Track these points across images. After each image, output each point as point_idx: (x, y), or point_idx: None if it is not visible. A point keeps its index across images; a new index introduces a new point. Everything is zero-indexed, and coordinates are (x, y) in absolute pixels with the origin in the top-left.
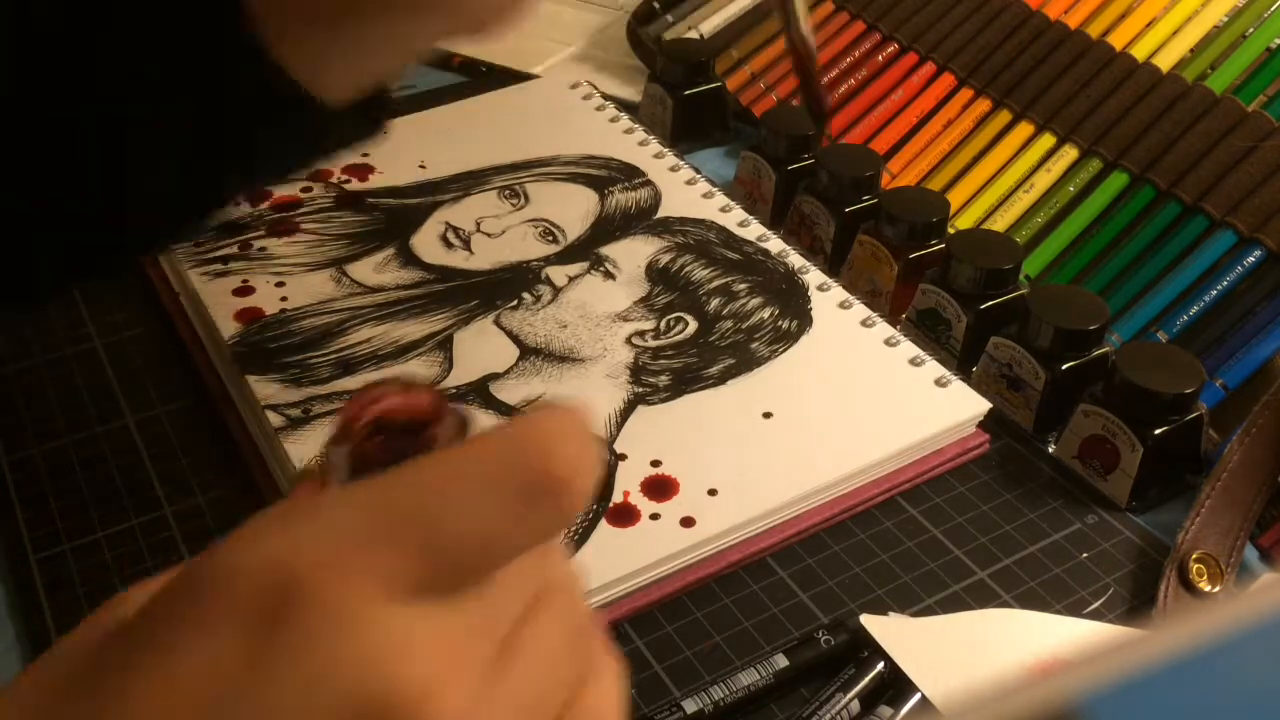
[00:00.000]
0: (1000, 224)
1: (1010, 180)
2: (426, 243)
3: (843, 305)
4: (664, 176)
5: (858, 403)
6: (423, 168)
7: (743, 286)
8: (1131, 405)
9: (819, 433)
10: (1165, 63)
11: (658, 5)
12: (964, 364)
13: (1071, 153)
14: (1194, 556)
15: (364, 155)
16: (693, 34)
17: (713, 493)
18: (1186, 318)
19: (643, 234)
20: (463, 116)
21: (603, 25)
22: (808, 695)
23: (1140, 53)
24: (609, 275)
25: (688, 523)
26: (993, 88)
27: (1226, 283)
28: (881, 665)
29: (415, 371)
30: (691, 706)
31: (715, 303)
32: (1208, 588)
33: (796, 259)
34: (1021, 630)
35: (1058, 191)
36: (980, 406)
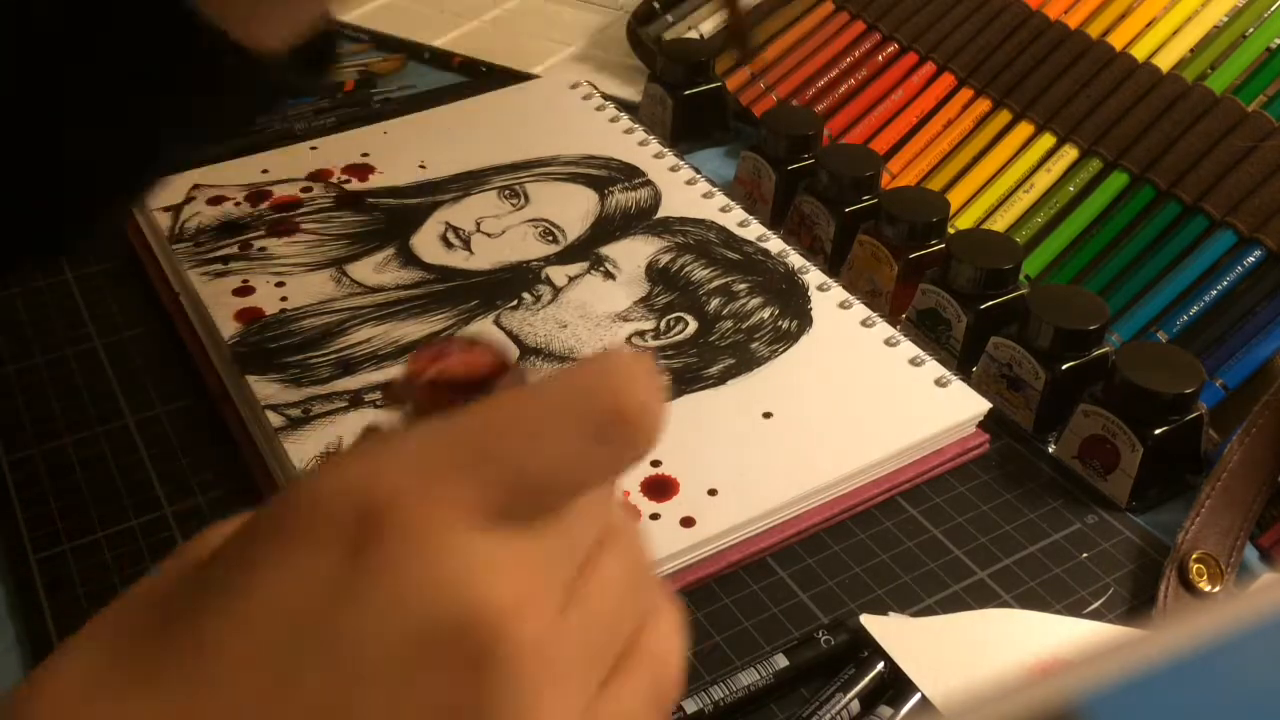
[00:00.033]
0: (1000, 224)
1: (1010, 180)
2: (426, 243)
3: (843, 305)
4: (664, 176)
5: (858, 403)
6: (423, 168)
7: (743, 286)
8: (1131, 405)
9: (819, 433)
10: (1165, 63)
11: (658, 5)
12: (964, 364)
13: (1071, 153)
14: (1194, 556)
15: (364, 155)
16: (693, 34)
17: (713, 493)
18: (1186, 318)
19: (643, 234)
20: (463, 116)
21: (603, 25)
22: (808, 695)
23: (1140, 53)
24: (609, 275)
25: (688, 523)
26: (993, 88)
27: (1226, 283)
28: (881, 665)
29: (478, 330)
30: (691, 706)
31: (715, 303)
32: (1208, 588)
33: (796, 259)
34: (1021, 630)
35: (1058, 191)
36: (980, 406)
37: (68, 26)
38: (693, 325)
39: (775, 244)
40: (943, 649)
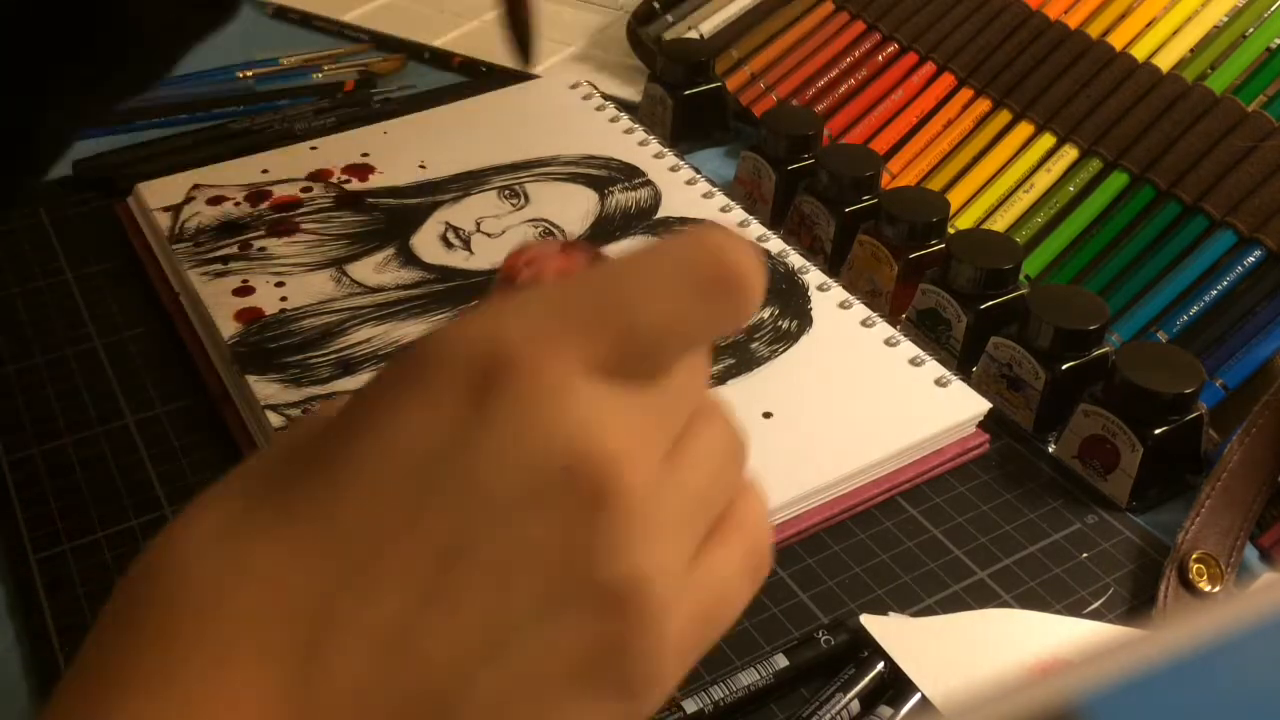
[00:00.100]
0: (1000, 224)
1: (1010, 180)
2: (426, 243)
3: (843, 305)
4: (664, 176)
5: (858, 403)
6: (423, 168)
7: None
8: (1131, 405)
9: (819, 433)
10: (1165, 63)
11: (658, 5)
12: (964, 364)
13: (1071, 153)
14: (1194, 556)
15: (364, 155)
16: (693, 34)
17: None
18: (1186, 318)
19: (643, 234)
20: (463, 116)
21: (603, 25)
22: (808, 695)
23: (1140, 53)
24: None
25: None
26: (993, 88)
27: (1226, 283)
28: (881, 665)
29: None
30: (691, 706)
31: None
32: (1208, 588)
33: (796, 259)
34: (1021, 630)
35: (1058, 191)
36: (980, 406)
37: None
38: None
39: (775, 244)
40: (943, 649)
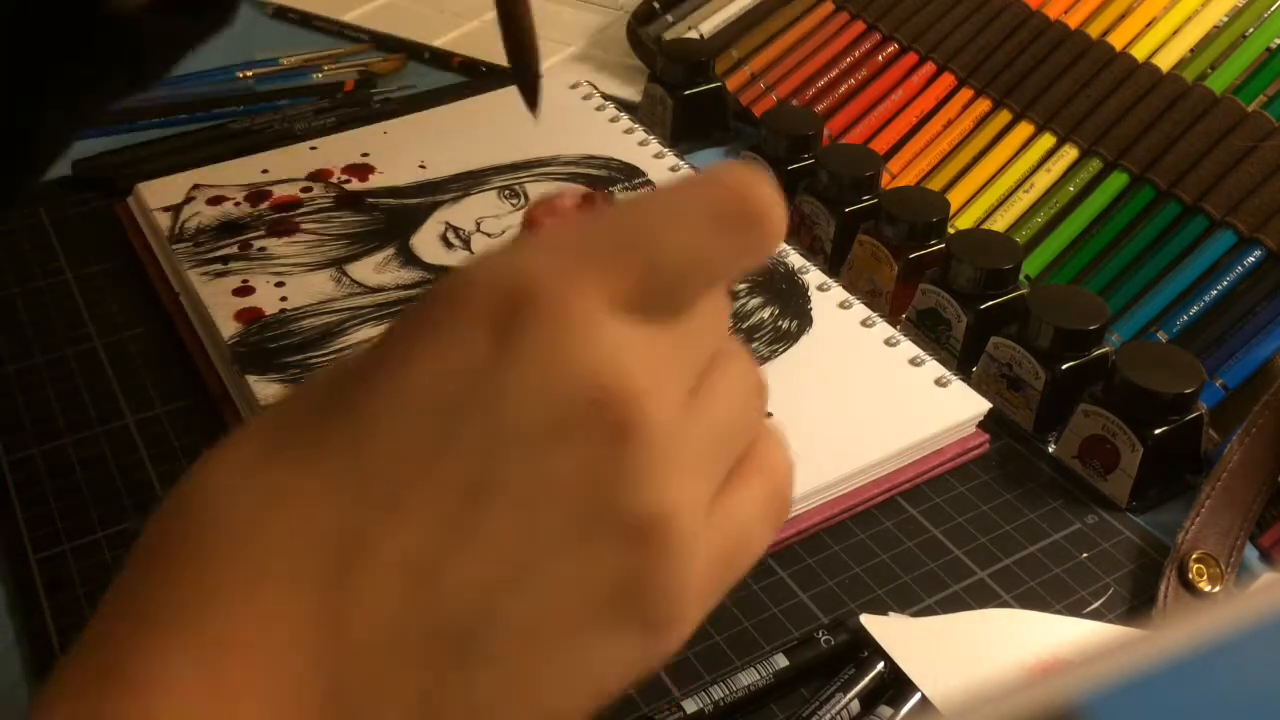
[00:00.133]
0: (1000, 224)
1: (1010, 180)
2: (426, 243)
3: (843, 305)
4: (664, 176)
5: (858, 403)
6: (423, 168)
7: (742, 286)
8: (1131, 405)
9: (819, 433)
10: (1165, 63)
11: (658, 5)
12: (964, 364)
13: (1071, 153)
14: (1194, 556)
15: (364, 155)
16: (693, 34)
17: None
18: (1186, 318)
19: None
20: (463, 116)
21: (603, 25)
22: (808, 695)
23: (1140, 53)
24: None
25: None
26: (993, 88)
27: (1226, 283)
28: (881, 665)
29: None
30: (691, 706)
31: None
32: (1208, 588)
33: (796, 259)
34: (1021, 630)
35: (1058, 191)
36: (980, 406)
37: None
38: None
39: None
40: (943, 649)
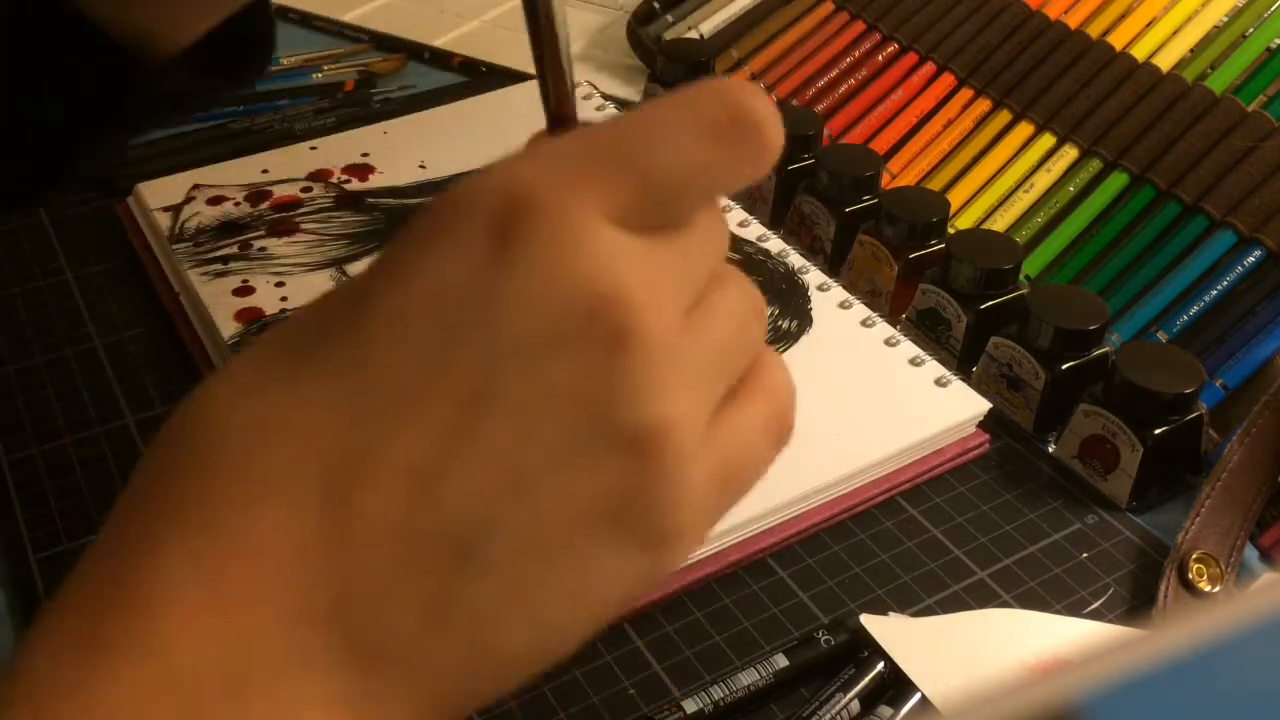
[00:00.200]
0: (1000, 224)
1: (1010, 180)
2: None
3: (843, 305)
4: None
5: (858, 403)
6: (423, 168)
7: None
8: (1131, 405)
9: (819, 433)
10: (1165, 63)
11: (658, 5)
12: (964, 364)
13: (1071, 153)
14: (1194, 556)
15: (364, 155)
16: (693, 34)
17: None
18: (1186, 318)
19: None
20: (463, 116)
21: (603, 25)
22: (808, 695)
23: (1140, 53)
24: None
25: None
26: (993, 88)
27: (1226, 283)
28: (881, 665)
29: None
30: (691, 706)
31: None
32: (1208, 588)
33: (796, 259)
34: (1021, 630)
35: (1058, 191)
36: (980, 406)
37: None
38: None
39: (775, 244)
40: (943, 649)
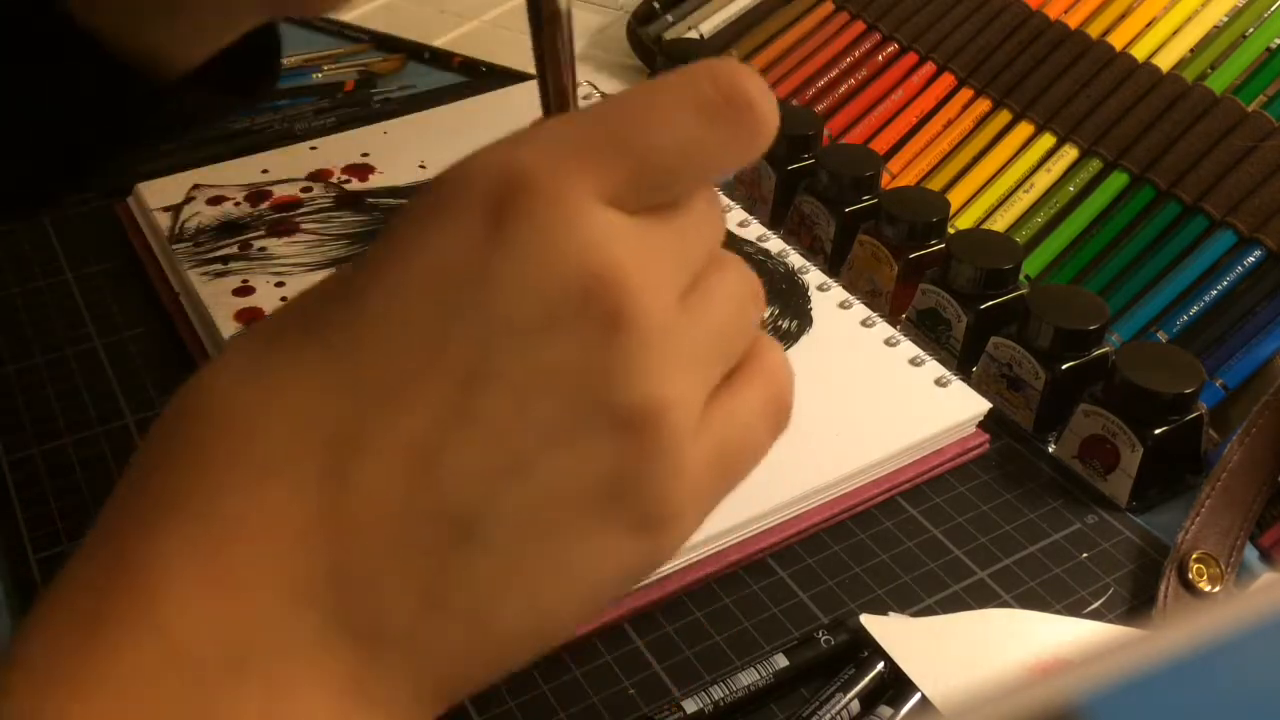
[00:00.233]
0: (1000, 224)
1: (1010, 180)
2: None
3: (843, 305)
4: None
5: (858, 403)
6: (423, 168)
7: None
8: (1131, 405)
9: (819, 433)
10: (1165, 63)
11: (658, 5)
12: (964, 364)
13: (1071, 153)
14: (1194, 556)
15: (364, 155)
16: (693, 34)
17: None
18: (1186, 318)
19: None
20: (463, 116)
21: (603, 25)
22: (808, 695)
23: (1140, 53)
24: None
25: None
26: (993, 88)
27: (1226, 283)
28: (881, 665)
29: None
30: (691, 706)
31: None
32: (1208, 588)
33: (796, 259)
34: (1021, 630)
35: (1058, 191)
36: (980, 406)
37: None
38: None
39: (775, 244)
40: (943, 649)
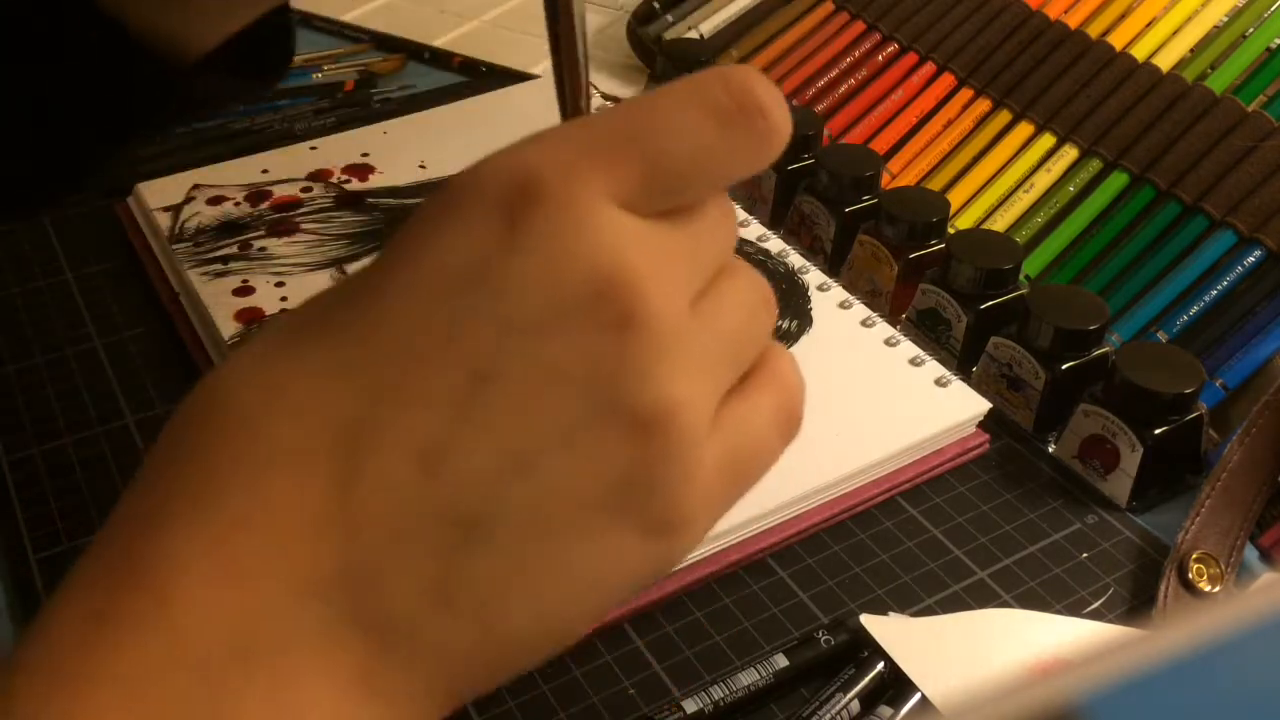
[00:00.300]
0: (1000, 224)
1: (1010, 180)
2: None
3: (843, 305)
4: None
5: (858, 403)
6: (423, 168)
7: None
8: (1131, 405)
9: (819, 433)
10: (1165, 63)
11: (658, 5)
12: (964, 364)
13: (1071, 153)
14: (1194, 556)
15: (364, 155)
16: (693, 34)
17: None
18: (1186, 318)
19: None
20: (463, 116)
21: (603, 25)
22: (808, 695)
23: (1140, 53)
24: None
25: None
26: (993, 88)
27: (1226, 283)
28: (881, 665)
29: None
30: (691, 706)
31: None
32: (1208, 588)
33: (796, 259)
34: (1021, 630)
35: (1058, 191)
36: (980, 406)
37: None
38: None
39: (775, 244)
40: (943, 649)
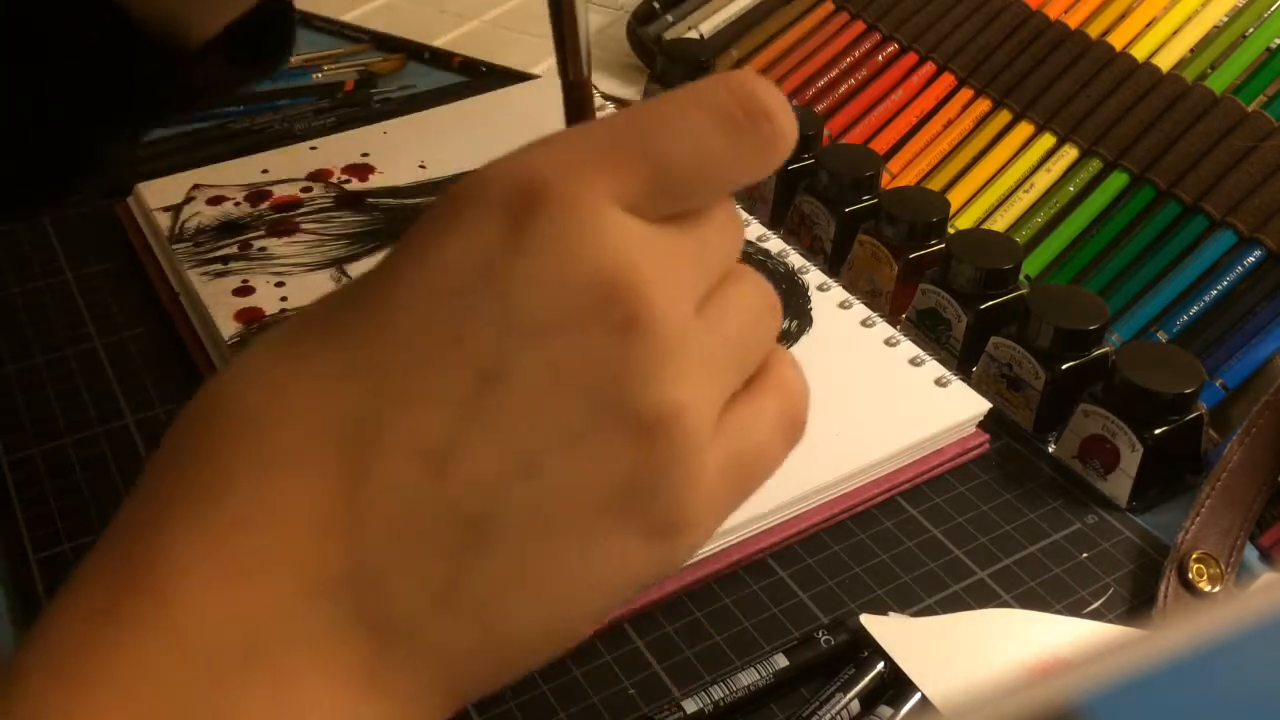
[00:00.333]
0: (1000, 224)
1: (1010, 180)
2: None
3: (843, 305)
4: None
5: (857, 403)
6: (423, 168)
7: None
8: (1131, 405)
9: (819, 433)
10: (1165, 63)
11: (658, 5)
12: (964, 364)
13: (1071, 153)
14: (1194, 556)
15: (364, 155)
16: (693, 34)
17: None
18: (1186, 318)
19: None
20: (463, 116)
21: (603, 25)
22: (808, 695)
23: (1140, 53)
24: None
25: None
26: (993, 88)
27: (1226, 283)
28: (881, 665)
29: None
30: (691, 706)
31: None
32: (1208, 588)
33: (796, 259)
34: (1021, 630)
35: (1058, 191)
36: (980, 406)
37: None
38: None
39: (775, 244)
40: (943, 649)
